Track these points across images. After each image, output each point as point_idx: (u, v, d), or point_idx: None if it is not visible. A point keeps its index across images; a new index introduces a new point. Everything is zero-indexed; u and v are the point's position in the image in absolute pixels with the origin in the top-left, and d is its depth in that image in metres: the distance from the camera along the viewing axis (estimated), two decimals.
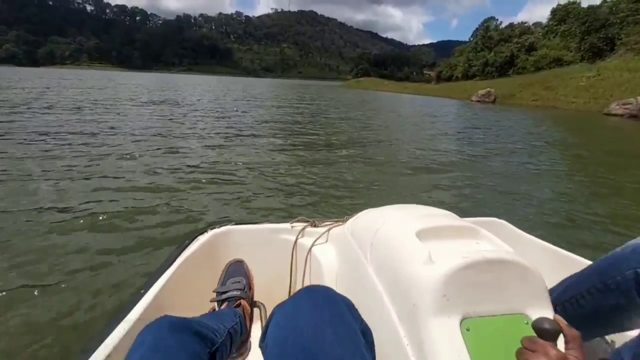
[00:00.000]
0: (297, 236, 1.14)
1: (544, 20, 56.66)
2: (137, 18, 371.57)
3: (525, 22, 60.11)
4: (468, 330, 0.53)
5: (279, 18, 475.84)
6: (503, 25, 64.39)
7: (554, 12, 54.97)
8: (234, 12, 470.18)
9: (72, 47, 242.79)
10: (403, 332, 0.59)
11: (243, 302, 0.82)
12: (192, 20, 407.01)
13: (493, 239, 0.70)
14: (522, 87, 24.81)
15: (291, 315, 0.47)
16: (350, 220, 1.04)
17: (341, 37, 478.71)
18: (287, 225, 1.18)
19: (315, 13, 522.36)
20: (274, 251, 1.14)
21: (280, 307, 0.50)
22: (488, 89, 25.76)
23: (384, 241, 0.76)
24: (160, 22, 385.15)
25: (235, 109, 11.82)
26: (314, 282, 1.04)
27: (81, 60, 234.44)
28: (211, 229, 1.13)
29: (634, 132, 12.16)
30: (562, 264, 0.99)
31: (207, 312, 0.81)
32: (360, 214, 1.02)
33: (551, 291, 0.66)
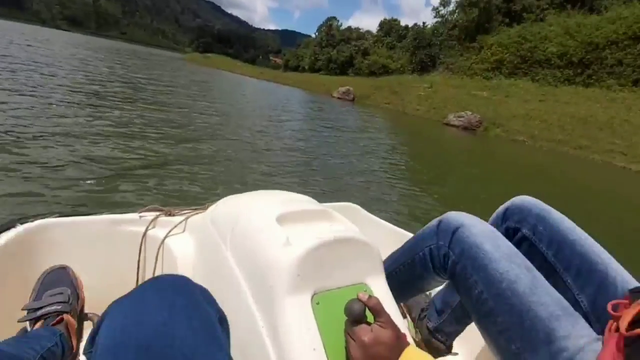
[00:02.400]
0: (147, 227, 0.97)
1: (372, 29, 65.58)
2: None
3: (361, 29, 67.77)
4: (318, 304, 0.58)
5: None
6: (343, 27, 70.61)
7: (381, 24, 64.20)
8: None
9: None
10: (259, 315, 0.61)
11: (66, 316, 0.70)
12: None
13: (344, 221, 0.76)
14: (375, 89, 26.79)
15: (132, 310, 0.39)
16: (212, 208, 0.95)
17: (178, 1, 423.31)
18: (133, 216, 1.00)
19: None
20: (115, 248, 0.95)
21: (116, 303, 0.41)
22: (348, 87, 26.65)
23: (244, 227, 0.75)
24: None
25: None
26: None
27: None
28: (22, 222, 0.86)
29: (466, 143, 14.08)
30: (401, 241, 1.12)
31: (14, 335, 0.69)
32: (222, 200, 0.95)
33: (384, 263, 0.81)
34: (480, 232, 0.67)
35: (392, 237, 1.20)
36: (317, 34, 70.52)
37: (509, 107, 18.31)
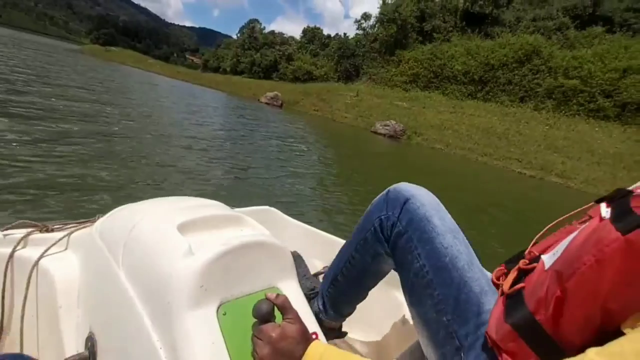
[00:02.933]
0: (15, 247, 0.84)
1: (294, 35, 66.32)
2: None
3: (284, 34, 67.72)
4: (225, 314, 0.55)
5: None
6: (266, 31, 69.63)
7: (304, 31, 65.25)
8: None
9: None
10: (156, 336, 0.55)
11: None
12: None
13: (255, 226, 0.73)
14: (303, 95, 26.46)
15: None
16: (101, 220, 0.83)
17: None
18: None
19: None
20: None
21: None
22: (275, 92, 25.86)
23: (139, 239, 0.67)
24: None
25: None
26: (43, 307, 0.80)
27: None
28: None
29: (391, 150, 14.88)
30: (319, 242, 1.14)
31: None
32: (114, 211, 0.83)
33: (332, 264, 0.79)
34: (429, 203, 0.67)
35: (311, 239, 1.15)
36: (238, 35, 68.25)
37: (426, 118, 19.92)
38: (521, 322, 0.48)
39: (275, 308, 0.54)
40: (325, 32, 63.51)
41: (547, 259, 0.50)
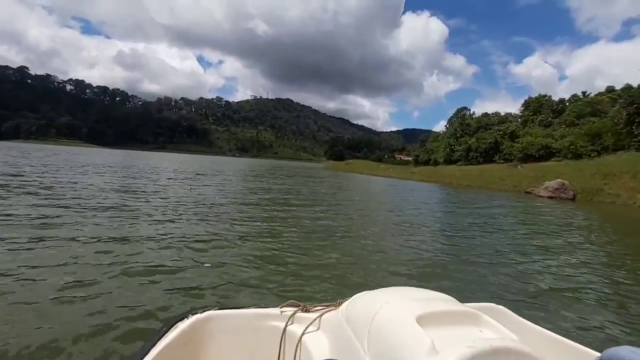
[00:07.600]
0: (287, 322, 1.03)
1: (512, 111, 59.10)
2: (117, 99, 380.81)
3: (500, 113, 62.33)
4: None
5: (257, 104, 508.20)
6: (476, 115, 66.71)
7: (526, 104, 57.61)
8: (214, 97, 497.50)
9: (41, 122, 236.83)
10: None
11: None
12: (173, 103, 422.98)
13: (496, 326, 0.69)
14: (602, 177, 19.03)
15: None
16: (345, 304, 0.98)
17: (315, 122, 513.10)
18: (276, 310, 1.07)
19: (292, 100, 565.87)
20: (261, 339, 1.01)
21: None
22: (559, 180, 18.97)
23: (382, 328, 0.71)
24: (140, 102, 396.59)
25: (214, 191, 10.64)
26: None
27: (48, 136, 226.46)
28: (192, 314, 1.01)
29: None
30: (564, 352, 0.94)
31: None
32: (354, 297, 0.97)
33: None
34: None
35: (556, 348, 0.98)
36: (447, 126, 68.54)
37: None
38: None
39: None
40: (557, 97, 53.90)
41: None
